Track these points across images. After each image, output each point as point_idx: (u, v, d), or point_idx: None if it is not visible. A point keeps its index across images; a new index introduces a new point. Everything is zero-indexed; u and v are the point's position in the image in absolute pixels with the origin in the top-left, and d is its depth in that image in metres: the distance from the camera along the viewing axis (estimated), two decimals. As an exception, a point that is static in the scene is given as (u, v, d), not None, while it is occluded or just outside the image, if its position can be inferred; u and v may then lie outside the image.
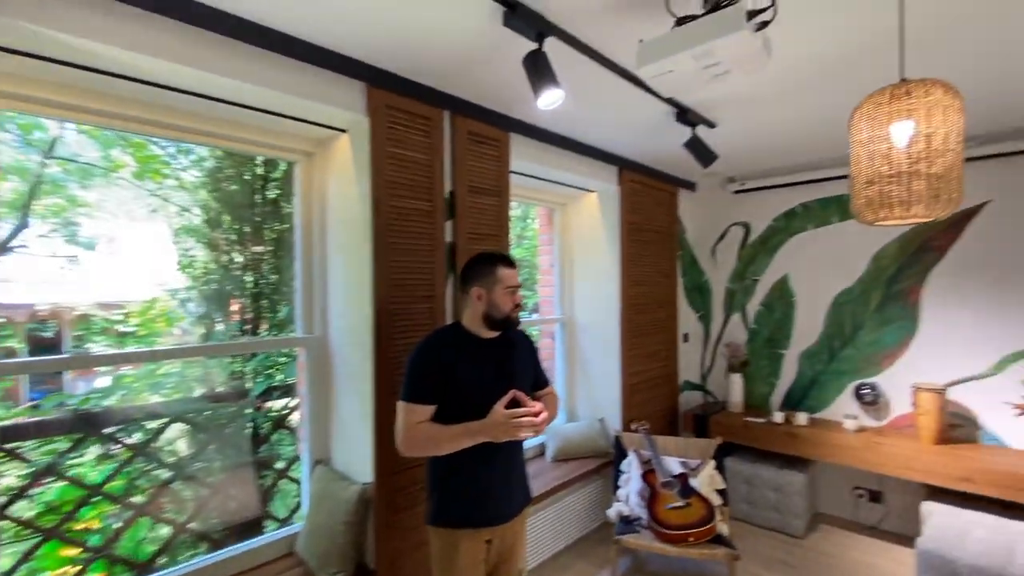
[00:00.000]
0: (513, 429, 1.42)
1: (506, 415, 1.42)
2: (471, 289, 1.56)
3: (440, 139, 2.07)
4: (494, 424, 1.42)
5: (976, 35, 1.62)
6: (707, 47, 1.20)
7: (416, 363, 1.50)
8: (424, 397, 1.48)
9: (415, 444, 1.47)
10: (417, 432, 1.46)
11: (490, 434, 1.43)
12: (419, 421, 1.47)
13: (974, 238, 2.84)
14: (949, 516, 2.42)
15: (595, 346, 3.28)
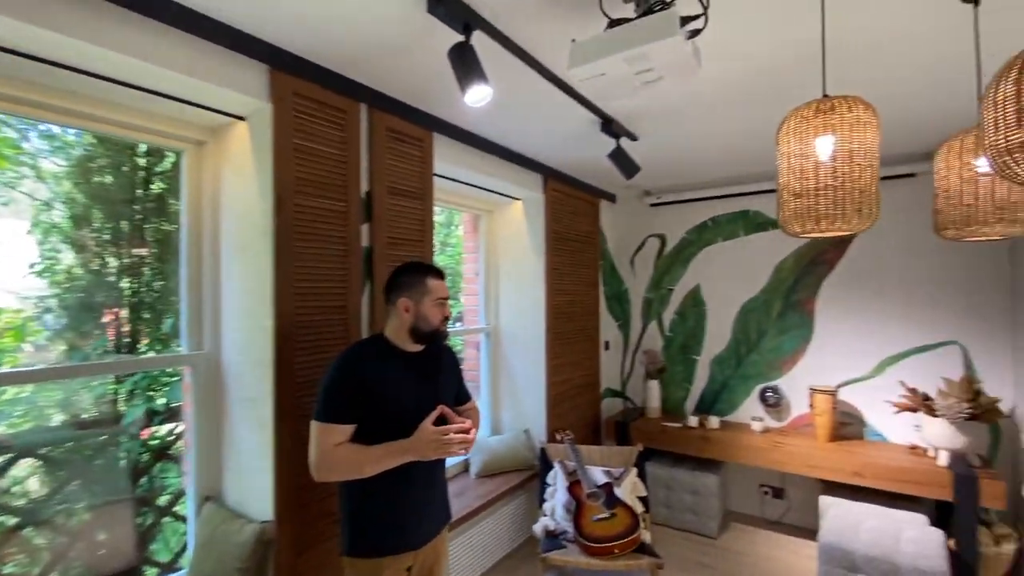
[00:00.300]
0: (444, 446, 1.36)
1: (436, 432, 1.35)
2: (398, 300, 1.46)
3: (356, 134, 1.90)
4: (423, 442, 1.35)
5: (863, 71, 1.76)
6: (641, 51, 1.16)
7: (333, 379, 1.38)
8: (342, 416, 1.35)
9: (333, 468, 1.35)
10: (335, 455, 1.34)
11: (419, 452, 1.35)
12: (337, 443, 1.34)
13: (858, 254, 3.14)
14: (843, 509, 2.62)
15: (520, 355, 3.22)
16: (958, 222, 1.24)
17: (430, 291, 1.46)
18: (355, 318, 1.89)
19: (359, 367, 1.39)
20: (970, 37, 1.42)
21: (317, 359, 1.75)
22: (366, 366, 1.40)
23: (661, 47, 1.14)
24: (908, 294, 2.99)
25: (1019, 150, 0.66)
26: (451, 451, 1.37)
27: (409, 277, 1.48)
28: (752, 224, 3.50)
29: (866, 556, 2.23)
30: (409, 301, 1.45)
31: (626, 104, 2.11)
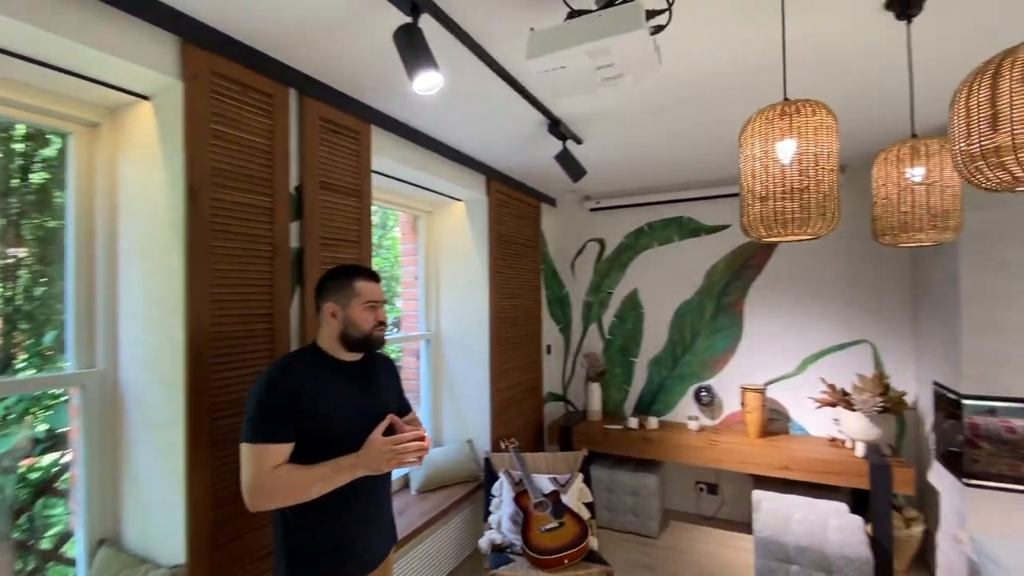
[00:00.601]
0: (399, 456, 1.26)
1: (389, 442, 1.26)
2: (324, 306, 1.36)
3: (285, 122, 1.71)
4: (375, 453, 1.25)
5: (800, 81, 1.84)
6: (604, 44, 1.10)
7: (266, 394, 1.23)
8: (279, 433, 1.21)
9: (273, 493, 1.19)
10: (275, 478, 1.19)
11: (371, 466, 1.24)
12: (275, 464, 1.20)
13: (782, 258, 3.33)
14: (775, 503, 2.74)
15: (463, 362, 3.10)
16: (896, 228, 1.30)
17: (359, 294, 1.35)
18: (283, 327, 1.69)
19: (292, 380, 1.26)
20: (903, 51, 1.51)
21: (239, 375, 1.54)
22: (300, 379, 1.27)
23: (625, 41, 1.09)
24: (826, 296, 3.21)
25: (993, 155, 0.67)
26: (405, 461, 1.27)
27: (335, 280, 1.37)
28: (686, 230, 3.62)
29: (798, 547, 2.33)
30: (335, 306, 1.34)
31: (575, 105, 2.07)
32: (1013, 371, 2.20)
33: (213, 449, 1.46)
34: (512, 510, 2.52)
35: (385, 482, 1.48)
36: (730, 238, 3.47)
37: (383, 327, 1.39)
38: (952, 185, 1.25)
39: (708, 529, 3.29)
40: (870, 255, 3.09)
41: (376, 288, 1.39)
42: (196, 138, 1.43)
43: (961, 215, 1.25)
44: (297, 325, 1.76)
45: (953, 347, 2.38)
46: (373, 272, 1.42)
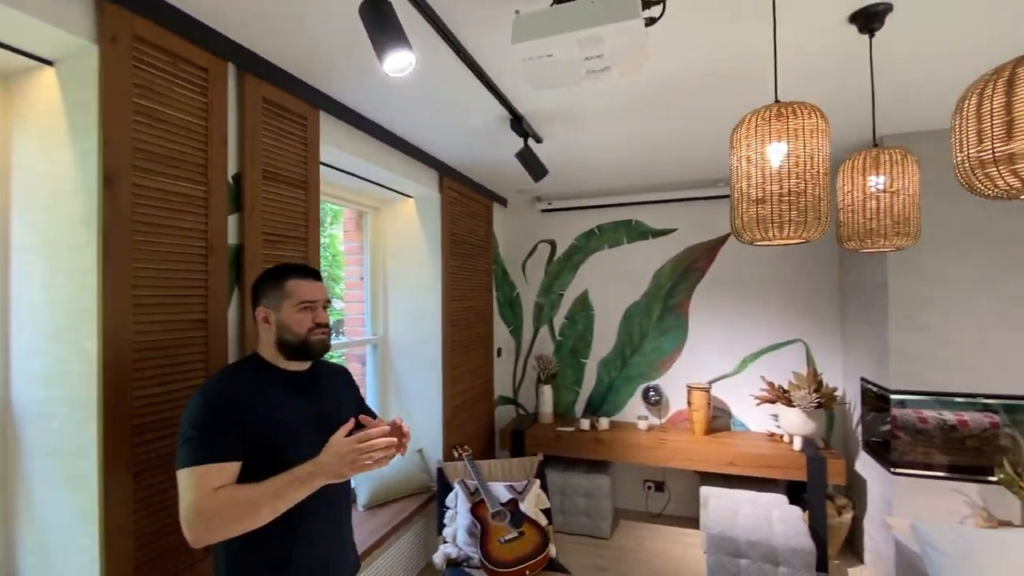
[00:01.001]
0: (363, 457, 1.06)
1: (350, 441, 1.07)
2: (256, 310, 1.24)
3: (222, 101, 1.50)
4: (336, 457, 1.06)
5: (761, 89, 1.90)
6: (597, 32, 1.04)
7: (205, 409, 1.09)
8: (222, 453, 1.07)
9: (218, 520, 1.01)
10: (219, 501, 1.02)
11: (332, 472, 1.06)
12: (217, 486, 1.04)
13: (724, 262, 3.47)
14: (722, 499, 2.84)
15: (414, 367, 2.94)
16: (861, 234, 1.34)
17: (290, 294, 1.21)
18: (220, 335, 1.49)
19: (233, 393, 1.12)
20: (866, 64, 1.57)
21: (167, 392, 1.33)
22: (242, 391, 1.13)
23: (619, 30, 1.03)
24: (763, 298, 3.38)
25: (1006, 161, 0.68)
26: (372, 463, 1.07)
27: (267, 282, 1.24)
28: (635, 233, 3.68)
29: (748, 541, 2.41)
30: (267, 310, 1.21)
31: (541, 102, 2.01)
32: (934, 367, 2.40)
33: (135, 479, 1.25)
34: (468, 521, 2.41)
35: (345, 501, 1.34)
36: (676, 241, 3.57)
37: (324, 330, 1.24)
38: (912, 193, 1.30)
39: (656, 527, 3.35)
40: (803, 259, 3.29)
41: (313, 286, 1.24)
42: (114, 113, 1.21)
43: (919, 222, 1.31)
44: (236, 332, 1.56)
45: (881, 346, 2.56)
46: (310, 269, 1.28)
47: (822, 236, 0.98)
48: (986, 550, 1.52)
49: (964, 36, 1.52)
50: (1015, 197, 0.73)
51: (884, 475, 2.54)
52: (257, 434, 1.10)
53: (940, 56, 1.65)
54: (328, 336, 1.26)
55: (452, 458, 2.83)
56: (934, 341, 2.40)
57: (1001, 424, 2.37)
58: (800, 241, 0.99)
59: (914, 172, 1.31)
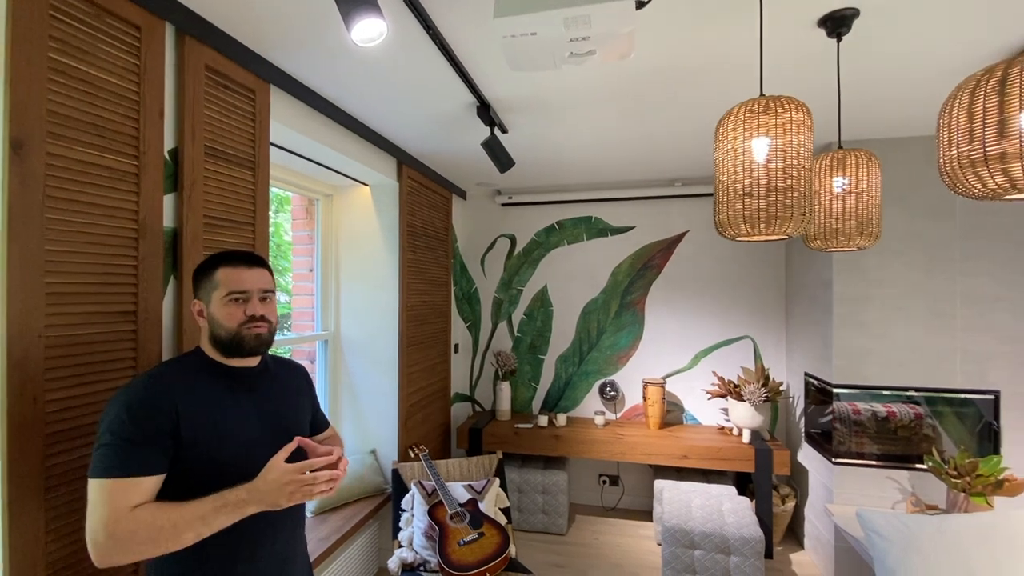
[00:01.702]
0: (304, 489, 0.96)
1: (292, 470, 0.96)
2: (192, 304, 1.12)
3: (158, 65, 1.33)
4: (274, 485, 0.95)
5: (729, 89, 1.92)
6: (586, 11, 0.99)
7: (125, 412, 0.94)
8: (143, 463, 0.93)
9: (130, 541, 0.89)
10: (131, 522, 0.89)
11: (267, 500, 0.95)
12: (135, 504, 0.91)
13: (679, 260, 3.55)
14: (675, 491, 2.89)
15: (367, 365, 2.80)
16: (827, 234, 1.37)
17: (218, 284, 1.07)
18: (153, 329, 1.32)
19: (164, 393, 0.98)
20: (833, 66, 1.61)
21: (89, 394, 1.16)
22: (175, 391, 0.99)
23: (609, 11, 0.98)
24: (715, 295, 3.48)
25: (997, 161, 0.69)
26: (313, 494, 0.98)
27: (200, 272, 1.11)
28: (594, 230, 3.69)
29: (702, 533, 2.47)
30: (200, 303, 1.10)
31: (511, 89, 1.93)
32: (871, 363, 2.54)
33: (46, 495, 1.08)
34: (426, 524, 2.32)
35: (299, 522, 1.22)
36: (634, 239, 3.61)
37: (259, 324, 1.09)
38: (874, 195, 1.34)
39: (612, 520, 3.38)
40: (753, 259, 3.41)
41: (245, 274, 1.09)
42: (25, 68, 1.03)
43: (880, 223, 1.35)
44: (173, 326, 1.39)
45: (824, 342, 2.69)
46: (245, 254, 1.12)
47: (802, 232, 0.98)
48: (926, 535, 1.62)
49: (928, 45, 1.59)
50: (999, 197, 0.74)
51: (825, 464, 2.67)
52: (193, 443, 0.98)
53: (902, 65, 1.73)
54: (267, 330, 1.11)
55: (408, 458, 2.72)
56: (871, 338, 2.55)
57: (924, 415, 2.56)
58: (781, 237, 0.99)
59: (877, 174, 1.35)
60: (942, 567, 1.53)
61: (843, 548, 2.53)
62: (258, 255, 1.15)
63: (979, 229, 2.44)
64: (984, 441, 2.47)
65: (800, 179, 0.95)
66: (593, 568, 2.81)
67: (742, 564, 2.40)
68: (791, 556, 2.90)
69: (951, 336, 2.47)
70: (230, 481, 0.96)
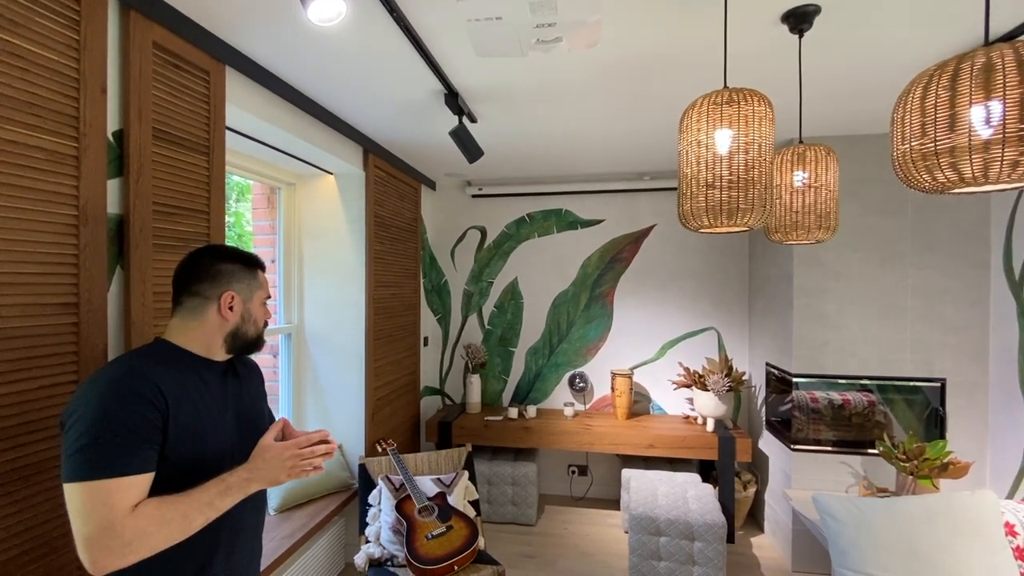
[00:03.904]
0: (304, 463, 1.00)
1: (291, 445, 0.99)
2: (222, 295, 1.05)
3: (100, 41, 1.25)
4: (275, 462, 0.97)
5: (690, 82, 1.94)
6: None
7: (114, 405, 0.86)
8: (137, 462, 0.87)
9: (143, 542, 0.84)
10: (144, 521, 0.84)
11: (268, 478, 0.97)
12: (135, 503, 0.86)
13: (647, 252, 3.59)
14: (642, 480, 2.95)
15: (333, 359, 2.74)
16: (787, 227, 1.40)
17: (262, 285, 1.13)
18: (97, 322, 1.25)
19: (155, 384, 0.91)
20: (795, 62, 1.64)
21: (22, 392, 1.08)
22: (165, 382, 0.93)
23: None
24: (681, 287, 3.55)
25: (947, 155, 0.71)
26: (311, 469, 1.01)
27: (234, 264, 1.08)
28: (564, 222, 3.70)
29: (667, 520, 2.52)
30: (238, 297, 1.06)
31: (479, 76, 1.90)
32: (829, 353, 2.64)
33: (-23, 500, 1.00)
34: (393, 519, 2.29)
35: (265, 503, 1.21)
36: (603, 232, 3.64)
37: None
38: (833, 189, 1.38)
39: (580, 510, 3.43)
40: (717, 252, 3.49)
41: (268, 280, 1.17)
42: (-57, 37, 0.95)
43: (838, 216, 1.39)
44: (119, 318, 1.32)
45: (785, 333, 2.78)
46: (261, 260, 1.18)
47: (763, 224, 0.99)
48: (877, 517, 1.69)
49: (887, 42, 1.63)
50: (948, 191, 0.77)
51: (784, 451, 2.77)
52: (177, 436, 0.93)
53: (861, 62, 1.78)
54: None
55: (376, 453, 2.68)
56: (828, 329, 2.64)
57: (877, 402, 2.67)
58: (743, 229, 1.00)
59: (835, 169, 1.39)
60: (890, 547, 1.60)
61: (800, 531, 2.63)
62: None
63: (928, 224, 2.56)
64: (931, 426, 2.60)
65: (762, 171, 0.96)
66: (562, 557, 2.84)
67: (705, 549, 2.47)
68: (752, 540, 3.00)
69: (902, 327, 2.58)
70: (210, 474, 0.94)
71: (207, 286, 1.04)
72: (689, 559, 2.49)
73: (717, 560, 2.46)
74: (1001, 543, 1.59)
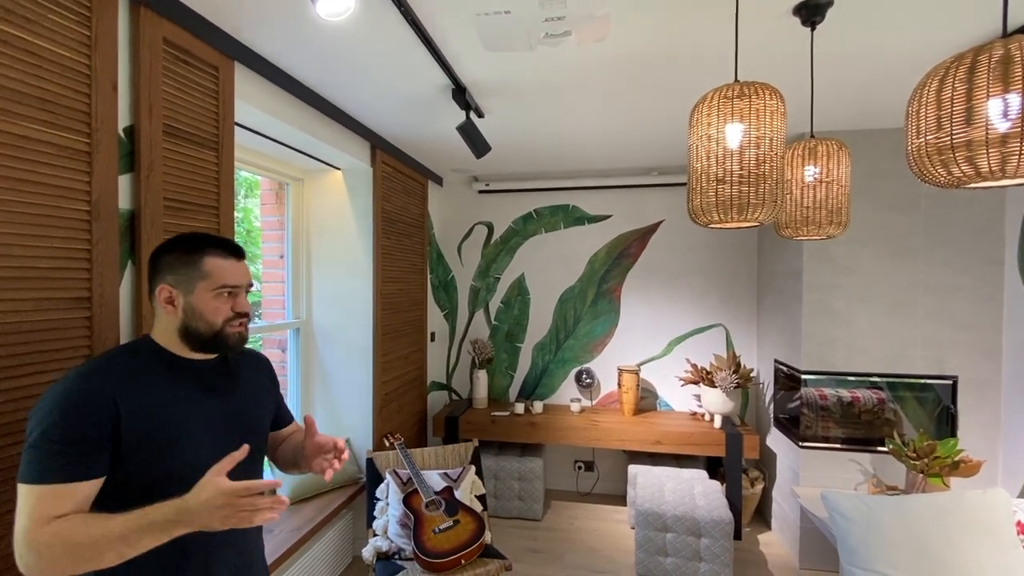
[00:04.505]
0: (243, 515, 0.81)
1: (228, 492, 0.80)
2: (157, 287, 0.98)
3: (111, 37, 1.26)
4: (206, 508, 0.80)
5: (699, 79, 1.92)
6: (561, -10, 0.96)
7: (61, 408, 0.83)
8: (76, 467, 0.82)
9: (48, 556, 0.78)
10: (52, 537, 0.78)
11: (198, 522, 0.81)
12: (61, 513, 0.80)
13: (654, 248, 3.58)
14: (649, 476, 2.95)
15: (341, 353, 2.75)
16: (798, 223, 1.39)
17: (208, 274, 0.98)
18: (109, 316, 1.26)
19: (107, 387, 0.87)
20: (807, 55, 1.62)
21: (35, 385, 1.10)
22: (121, 386, 0.88)
23: (585, -9, 0.96)
24: (688, 284, 3.53)
25: (963, 149, 0.70)
26: (253, 521, 0.83)
27: (174, 255, 0.99)
28: (571, 218, 3.69)
29: (674, 516, 2.52)
30: (173, 289, 0.97)
31: (487, 71, 1.89)
32: (838, 349, 2.62)
33: (-7, 491, 1.02)
34: (401, 512, 2.30)
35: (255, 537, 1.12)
36: (611, 228, 3.62)
37: (243, 320, 1.02)
38: (844, 184, 1.36)
39: (586, 505, 3.43)
40: (726, 248, 3.46)
41: (236, 268, 1.02)
42: (-43, 34, 0.96)
43: (849, 212, 1.38)
44: (131, 313, 1.33)
45: (794, 329, 2.76)
46: (233, 245, 1.04)
47: (773, 219, 0.98)
48: (886, 515, 1.68)
49: (901, 34, 1.61)
50: (964, 185, 0.76)
51: (793, 448, 2.75)
52: (135, 444, 0.86)
53: (874, 55, 1.75)
54: (247, 328, 1.04)
55: (383, 447, 2.69)
56: (838, 325, 2.62)
57: (887, 400, 2.65)
58: (753, 224, 0.99)
59: (847, 164, 1.37)
60: (900, 545, 1.59)
61: (808, 528, 2.62)
62: (240, 246, 1.07)
63: (941, 220, 2.52)
64: (942, 425, 2.57)
65: (773, 166, 0.95)
66: (568, 552, 2.85)
67: (712, 545, 2.46)
68: (759, 537, 2.99)
69: (913, 324, 2.55)
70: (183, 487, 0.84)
71: (152, 280, 0.99)
72: (695, 555, 2.49)
73: (724, 556, 2.45)
74: (1013, 542, 1.58)
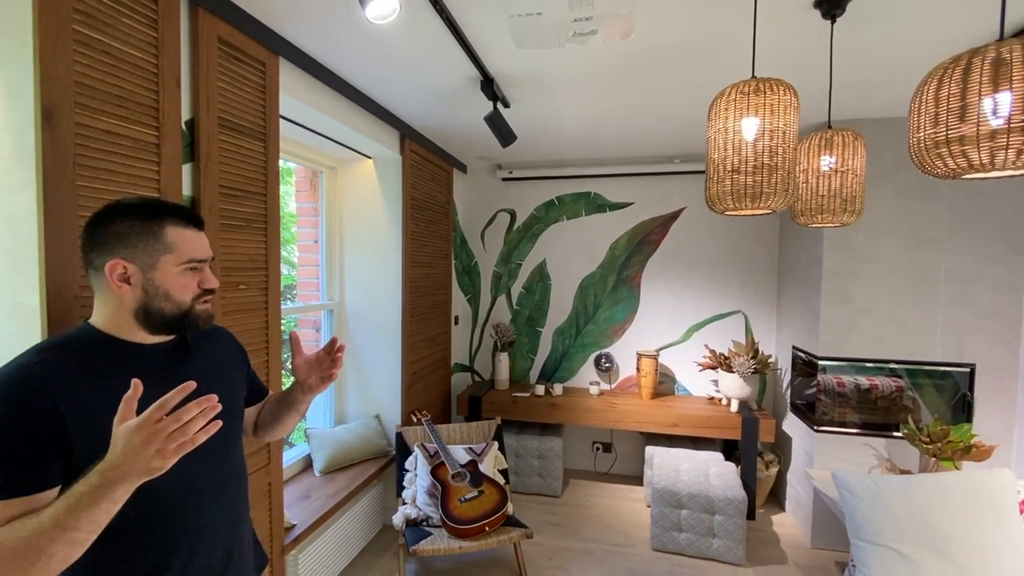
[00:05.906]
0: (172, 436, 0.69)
1: (141, 423, 0.68)
2: (106, 262, 0.83)
3: (174, 38, 1.38)
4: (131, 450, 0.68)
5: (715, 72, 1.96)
6: (590, -8, 1.04)
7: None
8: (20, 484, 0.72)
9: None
10: None
11: (133, 470, 0.68)
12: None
13: (675, 236, 3.62)
14: (665, 456, 3.04)
15: (371, 334, 2.90)
16: (812, 211, 1.45)
17: (172, 247, 0.86)
18: (176, 292, 1.40)
19: (43, 391, 0.75)
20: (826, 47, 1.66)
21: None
22: (60, 387, 0.76)
23: (611, -7, 1.04)
24: (708, 271, 3.57)
25: (957, 143, 0.76)
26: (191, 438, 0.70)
27: (125, 223, 0.84)
28: (593, 205, 3.75)
29: (688, 494, 2.62)
30: (128, 264, 0.83)
31: (514, 64, 1.97)
32: (857, 336, 2.65)
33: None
34: (428, 483, 2.45)
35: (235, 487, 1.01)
36: (632, 215, 3.68)
37: (210, 297, 0.93)
38: (859, 173, 1.42)
39: (604, 484, 3.55)
40: (746, 236, 3.49)
41: (200, 239, 0.91)
42: (52, 42, 1.08)
43: (863, 201, 1.43)
44: (193, 290, 1.47)
45: (812, 316, 2.80)
46: (193, 213, 0.92)
47: (786, 207, 1.05)
48: (893, 491, 1.74)
49: (921, 27, 1.63)
50: (959, 176, 0.82)
51: (808, 433, 2.81)
52: (91, 451, 0.73)
53: (894, 47, 1.78)
54: (210, 305, 0.95)
55: (411, 423, 2.84)
56: (857, 312, 2.65)
57: (905, 387, 2.68)
58: (767, 212, 1.07)
59: (862, 154, 1.42)
60: (904, 519, 1.66)
61: (821, 509, 2.68)
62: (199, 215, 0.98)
63: (966, 209, 2.52)
64: (958, 411, 2.60)
65: (785, 157, 1.02)
66: (586, 527, 2.98)
67: (725, 522, 2.56)
68: (772, 517, 3.07)
69: (933, 312, 2.57)
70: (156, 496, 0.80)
71: (95, 254, 0.84)
72: (709, 531, 2.59)
73: (736, 533, 2.54)
74: (1015, 519, 1.63)
